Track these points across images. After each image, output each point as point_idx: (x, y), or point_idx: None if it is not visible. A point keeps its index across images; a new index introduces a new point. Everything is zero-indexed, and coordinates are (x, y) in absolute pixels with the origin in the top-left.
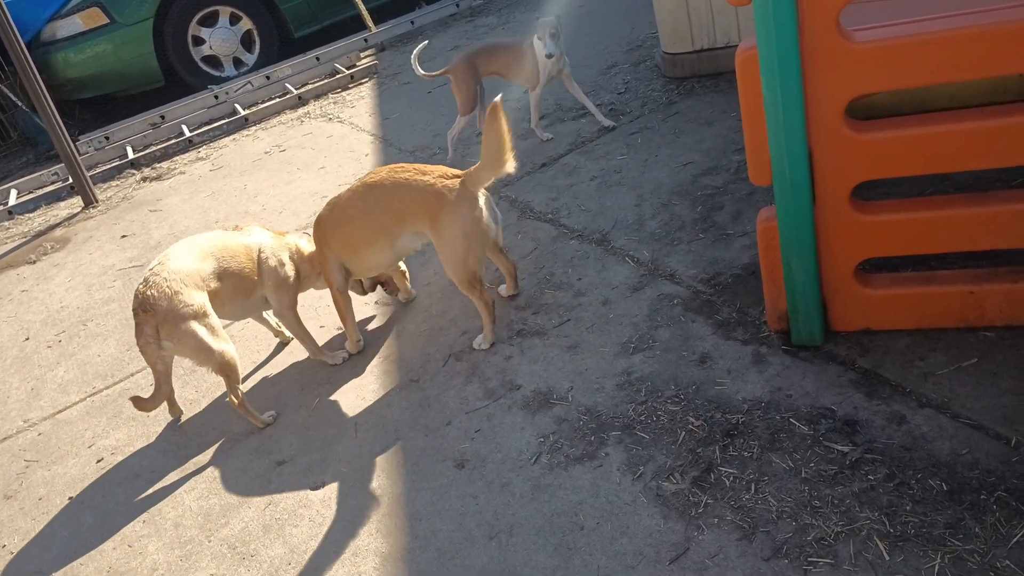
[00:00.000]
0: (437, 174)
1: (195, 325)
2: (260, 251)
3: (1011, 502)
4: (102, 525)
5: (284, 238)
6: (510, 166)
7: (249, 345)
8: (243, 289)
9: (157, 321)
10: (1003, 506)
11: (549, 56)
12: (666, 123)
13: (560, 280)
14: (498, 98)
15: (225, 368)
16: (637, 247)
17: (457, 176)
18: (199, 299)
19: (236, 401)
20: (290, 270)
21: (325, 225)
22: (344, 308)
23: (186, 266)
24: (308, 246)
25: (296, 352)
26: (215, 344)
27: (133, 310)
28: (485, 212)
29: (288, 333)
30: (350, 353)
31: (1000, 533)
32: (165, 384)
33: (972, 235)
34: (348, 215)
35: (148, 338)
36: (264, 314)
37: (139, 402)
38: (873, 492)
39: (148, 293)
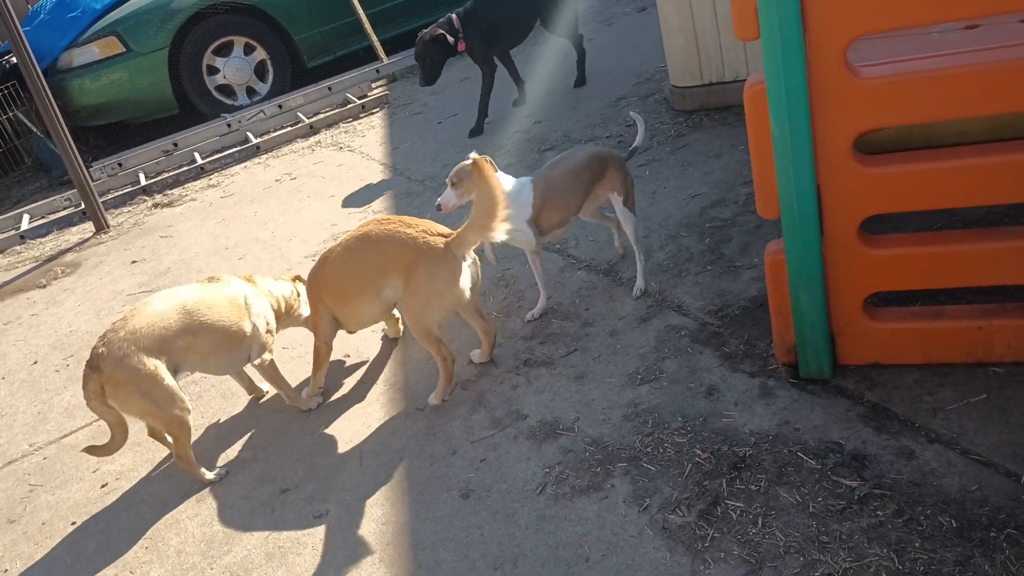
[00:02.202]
0: (421, 228)
1: (140, 390)
2: (245, 301)
3: (1021, 540)
4: (104, 551)
5: (259, 286)
6: (500, 234)
7: (255, 373)
8: (229, 342)
9: (102, 380)
10: (1013, 544)
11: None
12: (674, 155)
13: (567, 310)
14: (475, 154)
15: (173, 431)
16: (645, 278)
17: (442, 235)
18: (150, 363)
19: (181, 463)
20: (273, 320)
21: (319, 281)
22: (323, 359)
23: (149, 326)
24: (280, 288)
25: (301, 379)
26: (162, 409)
27: (86, 364)
28: (464, 279)
29: (264, 388)
30: (320, 401)
31: (1010, 571)
32: (119, 434)
33: (980, 270)
34: (338, 269)
35: (91, 393)
36: (245, 368)
37: (93, 450)
38: (882, 528)
39: (100, 351)
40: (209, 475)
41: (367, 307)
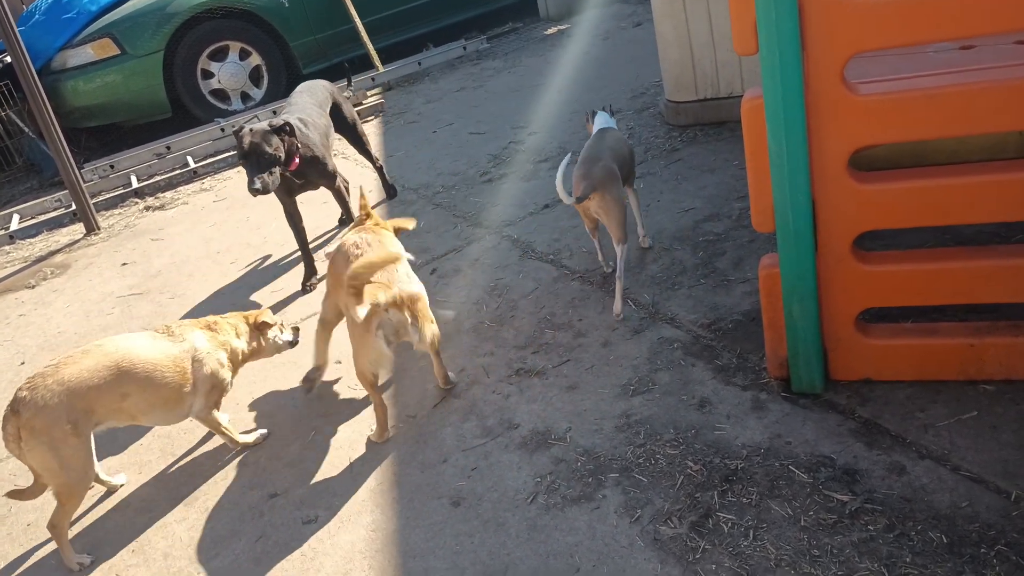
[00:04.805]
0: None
1: (51, 444)
2: (195, 358)
3: (1011, 556)
4: (91, 554)
5: (219, 336)
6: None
7: (245, 375)
8: (166, 400)
9: (20, 424)
10: (1003, 560)
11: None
12: (668, 169)
13: (560, 320)
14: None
15: (63, 498)
16: (638, 290)
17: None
18: (71, 418)
19: (52, 531)
20: (226, 373)
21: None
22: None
23: (78, 378)
24: (239, 343)
25: (293, 382)
26: (65, 472)
27: (8, 404)
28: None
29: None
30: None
31: None
32: (40, 478)
33: (972, 288)
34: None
35: (8, 435)
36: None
37: (15, 494)
38: (873, 543)
39: (23, 395)
40: (74, 560)
41: None
